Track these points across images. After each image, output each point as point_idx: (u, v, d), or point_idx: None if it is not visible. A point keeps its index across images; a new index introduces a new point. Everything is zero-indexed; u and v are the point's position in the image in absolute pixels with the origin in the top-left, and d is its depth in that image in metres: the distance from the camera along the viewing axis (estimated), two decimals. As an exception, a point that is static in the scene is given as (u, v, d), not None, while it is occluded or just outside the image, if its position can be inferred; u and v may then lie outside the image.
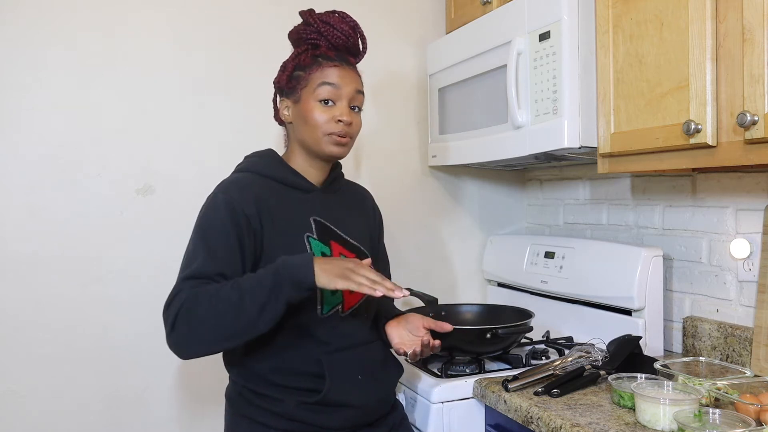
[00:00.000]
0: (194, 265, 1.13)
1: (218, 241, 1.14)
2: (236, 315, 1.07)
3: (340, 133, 1.24)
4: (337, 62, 1.25)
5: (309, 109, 1.23)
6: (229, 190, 1.20)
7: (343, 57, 1.27)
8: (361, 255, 1.30)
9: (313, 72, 1.24)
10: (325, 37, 1.26)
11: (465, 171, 2.13)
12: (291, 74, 1.26)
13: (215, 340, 1.09)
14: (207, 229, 1.16)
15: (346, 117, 1.23)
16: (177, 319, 1.07)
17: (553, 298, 1.85)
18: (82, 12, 1.63)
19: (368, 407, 1.23)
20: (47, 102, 1.60)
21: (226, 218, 1.15)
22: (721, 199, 1.51)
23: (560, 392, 1.26)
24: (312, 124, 1.24)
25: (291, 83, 1.26)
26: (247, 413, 1.21)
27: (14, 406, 1.57)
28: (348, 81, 1.25)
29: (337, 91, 1.23)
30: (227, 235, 1.15)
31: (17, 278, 1.58)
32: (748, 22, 1.08)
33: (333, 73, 1.23)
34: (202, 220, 1.18)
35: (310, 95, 1.23)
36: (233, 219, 1.15)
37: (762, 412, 1.04)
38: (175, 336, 1.09)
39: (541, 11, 1.49)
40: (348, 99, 1.25)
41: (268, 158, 1.31)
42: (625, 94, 1.35)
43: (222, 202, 1.17)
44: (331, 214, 1.30)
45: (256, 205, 1.19)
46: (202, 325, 1.07)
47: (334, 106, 1.24)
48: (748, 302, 1.44)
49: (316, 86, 1.23)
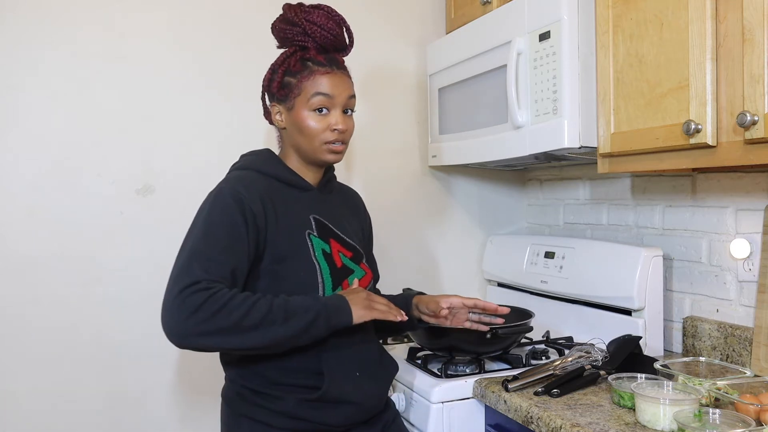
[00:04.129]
0: (213, 260, 1.10)
1: (230, 237, 1.13)
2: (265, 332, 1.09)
3: (336, 140, 1.25)
4: (328, 68, 1.24)
5: (303, 118, 1.23)
6: (235, 185, 1.19)
7: (333, 60, 1.26)
8: (357, 253, 1.31)
9: (304, 80, 1.23)
10: (312, 37, 1.24)
11: (465, 171, 2.13)
12: (282, 80, 1.25)
13: (230, 346, 1.09)
14: (219, 223, 1.14)
15: (341, 125, 1.24)
16: (203, 308, 1.04)
17: (553, 298, 1.85)
18: (82, 12, 1.63)
19: (366, 404, 1.24)
20: (47, 102, 1.61)
21: (237, 214, 1.15)
22: (721, 199, 1.51)
23: (560, 392, 1.26)
24: (307, 134, 1.24)
25: (283, 90, 1.25)
26: (247, 413, 1.21)
27: (14, 406, 1.57)
28: (341, 89, 1.25)
29: (331, 101, 1.24)
30: (238, 230, 1.14)
31: (17, 278, 1.58)
32: (748, 22, 1.08)
33: (326, 82, 1.23)
34: (213, 214, 1.16)
35: (304, 105, 1.23)
36: (243, 215, 1.15)
37: (762, 412, 1.04)
38: (191, 323, 1.04)
39: (541, 11, 1.49)
40: (342, 106, 1.26)
41: (266, 157, 1.31)
42: (625, 94, 1.35)
43: (230, 196, 1.16)
44: (329, 213, 1.30)
45: (261, 202, 1.19)
46: (229, 329, 1.06)
47: (328, 114, 1.24)
48: (748, 302, 1.44)
49: (310, 96, 1.22)
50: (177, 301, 1.05)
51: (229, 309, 1.06)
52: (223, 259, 1.11)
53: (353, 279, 1.27)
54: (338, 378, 1.19)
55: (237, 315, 1.06)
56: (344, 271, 1.26)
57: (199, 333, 1.05)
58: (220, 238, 1.13)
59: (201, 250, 1.11)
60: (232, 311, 1.06)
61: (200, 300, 1.05)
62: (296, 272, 1.19)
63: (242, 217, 1.15)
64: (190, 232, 1.16)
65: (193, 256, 1.10)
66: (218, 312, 1.05)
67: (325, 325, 1.13)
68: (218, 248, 1.12)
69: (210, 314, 1.05)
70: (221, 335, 1.06)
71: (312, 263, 1.21)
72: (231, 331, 1.06)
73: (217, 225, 1.14)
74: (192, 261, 1.10)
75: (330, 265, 1.23)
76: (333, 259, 1.25)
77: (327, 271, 1.22)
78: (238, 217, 1.14)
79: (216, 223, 1.14)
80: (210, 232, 1.13)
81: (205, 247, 1.11)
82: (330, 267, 1.23)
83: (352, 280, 1.27)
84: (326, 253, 1.24)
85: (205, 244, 1.12)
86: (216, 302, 1.05)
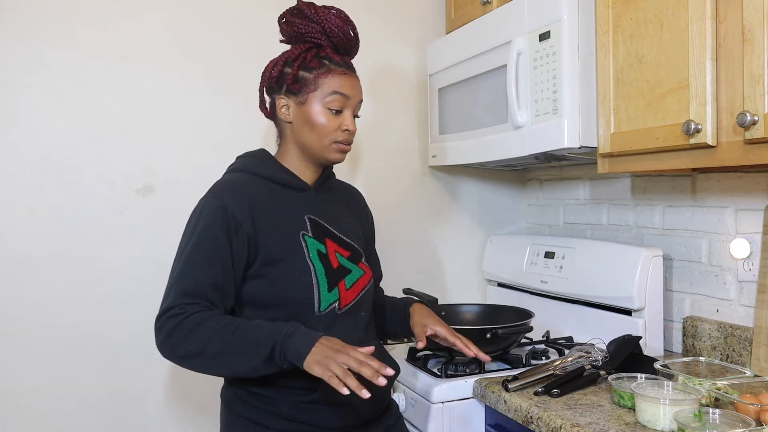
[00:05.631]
0: (189, 280, 1.15)
1: (212, 251, 1.16)
2: (228, 361, 1.11)
3: (345, 141, 1.27)
4: (345, 69, 1.26)
5: (316, 114, 1.24)
6: (220, 194, 1.20)
7: (347, 63, 1.29)
8: (355, 253, 1.31)
9: (322, 76, 1.24)
10: (330, 37, 1.26)
11: (465, 171, 2.13)
12: (297, 74, 1.25)
13: (204, 371, 1.16)
14: (200, 237, 1.17)
15: (352, 126, 1.27)
16: (174, 333, 1.11)
17: (553, 298, 1.85)
18: (82, 12, 1.63)
19: (363, 407, 1.23)
20: (47, 102, 1.60)
21: (219, 226, 1.17)
22: (721, 199, 1.51)
23: (560, 392, 1.26)
24: (319, 131, 1.25)
25: (297, 84, 1.25)
26: (244, 414, 1.21)
27: (14, 406, 1.57)
28: (357, 92, 1.28)
29: (346, 101, 1.26)
30: (220, 243, 1.16)
31: (17, 278, 1.58)
32: (748, 22, 1.08)
33: (345, 83, 1.25)
34: (195, 228, 1.18)
35: (320, 101, 1.24)
36: (226, 226, 1.17)
37: (762, 412, 1.04)
38: (167, 347, 1.13)
39: (541, 11, 1.49)
40: (353, 108, 1.28)
41: (261, 158, 1.31)
42: (625, 94, 1.35)
43: (213, 209, 1.18)
44: (325, 212, 1.30)
45: (249, 208, 1.19)
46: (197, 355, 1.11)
47: (341, 114, 1.26)
48: (748, 302, 1.44)
49: (328, 94, 1.24)
50: (157, 324, 1.14)
51: (195, 335, 1.11)
52: (201, 278, 1.15)
53: (350, 279, 1.27)
54: None
55: (201, 342, 1.10)
56: (341, 271, 1.26)
57: (176, 356, 1.14)
58: (200, 255, 1.16)
59: (181, 272, 1.16)
60: (198, 337, 1.11)
61: (172, 325, 1.12)
62: (290, 274, 1.20)
63: (224, 228, 1.17)
64: (177, 252, 1.20)
65: (174, 280, 1.17)
66: (186, 338, 1.11)
67: (280, 359, 1.09)
68: (196, 267, 1.16)
69: (180, 339, 1.11)
70: (192, 360, 1.13)
71: (306, 264, 1.21)
72: (199, 356, 1.11)
73: (197, 243, 1.17)
74: (172, 285, 1.16)
75: (325, 265, 1.23)
76: (329, 260, 1.24)
77: (322, 272, 1.22)
78: (218, 230, 1.17)
79: (196, 241, 1.17)
80: (190, 252, 1.17)
81: (185, 269, 1.16)
82: (325, 267, 1.23)
83: (349, 280, 1.27)
84: (321, 254, 1.24)
85: (185, 265, 1.16)
86: (184, 328, 1.11)
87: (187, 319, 1.11)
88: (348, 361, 1.05)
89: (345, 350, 1.07)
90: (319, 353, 1.07)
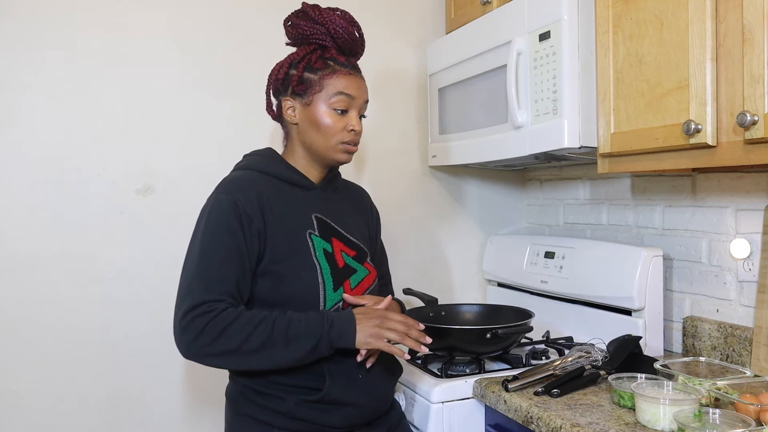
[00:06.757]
0: (212, 275, 1.14)
1: (231, 245, 1.15)
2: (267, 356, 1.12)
3: (352, 141, 1.28)
4: (350, 70, 1.27)
5: (321, 115, 1.25)
6: (231, 190, 1.20)
7: (353, 64, 1.29)
8: (361, 252, 1.31)
9: (327, 77, 1.25)
10: (335, 38, 1.26)
11: (465, 171, 2.13)
12: (302, 75, 1.26)
13: (235, 367, 1.18)
14: (216, 233, 1.16)
15: (357, 127, 1.27)
16: (205, 333, 1.10)
17: (553, 298, 1.84)
18: (81, 12, 1.63)
19: (368, 406, 1.24)
20: (47, 102, 1.60)
21: (235, 221, 1.16)
22: (721, 199, 1.51)
23: (560, 392, 1.26)
24: (325, 132, 1.25)
25: (302, 85, 1.26)
26: (249, 412, 1.21)
27: (14, 406, 1.57)
28: (362, 92, 1.28)
29: (351, 102, 1.26)
30: (237, 237, 1.16)
31: (17, 278, 1.58)
32: (748, 22, 1.08)
33: (350, 83, 1.26)
34: (209, 224, 1.18)
35: (325, 102, 1.25)
36: (239, 222, 1.16)
37: (762, 412, 1.04)
38: (195, 346, 1.11)
39: (541, 11, 1.49)
40: (359, 109, 1.28)
41: (268, 156, 1.32)
42: (625, 94, 1.35)
43: (226, 204, 1.18)
44: (332, 211, 1.30)
45: (259, 204, 1.19)
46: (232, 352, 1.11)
47: (346, 114, 1.27)
48: (748, 302, 1.44)
49: (333, 94, 1.24)
50: (182, 323, 1.11)
51: (230, 333, 1.10)
52: (224, 273, 1.14)
53: (355, 279, 1.27)
54: (340, 380, 1.19)
55: (237, 340, 1.10)
56: (346, 270, 1.26)
57: (204, 355, 1.12)
58: (218, 251, 1.15)
59: (201, 267, 1.15)
60: (233, 336, 1.10)
61: (202, 324, 1.10)
62: (296, 272, 1.20)
63: (238, 223, 1.16)
64: (190, 250, 1.19)
65: (195, 275, 1.14)
66: (219, 337, 1.09)
67: (327, 349, 1.14)
68: (218, 263, 1.15)
69: (212, 339, 1.09)
70: (225, 357, 1.12)
71: (312, 263, 1.21)
72: (234, 353, 1.11)
73: (214, 238, 1.16)
74: (193, 281, 1.14)
75: (331, 264, 1.23)
76: (335, 259, 1.25)
77: (327, 271, 1.22)
78: (234, 225, 1.16)
79: (213, 237, 1.16)
80: (208, 247, 1.16)
81: (205, 264, 1.15)
82: (331, 266, 1.23)
83: (355, 280, 1.27)
84: (328, 253, 1.24)
85: (205, 260, 1.15)
86: (217, 326, 1.10)
87: (218, 318, 1.10)
88: (396, 326, 1.16)
89: (384, 316, 1.16)
90: (366, 330, 1.14)
